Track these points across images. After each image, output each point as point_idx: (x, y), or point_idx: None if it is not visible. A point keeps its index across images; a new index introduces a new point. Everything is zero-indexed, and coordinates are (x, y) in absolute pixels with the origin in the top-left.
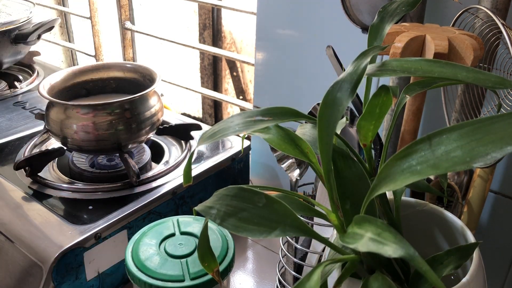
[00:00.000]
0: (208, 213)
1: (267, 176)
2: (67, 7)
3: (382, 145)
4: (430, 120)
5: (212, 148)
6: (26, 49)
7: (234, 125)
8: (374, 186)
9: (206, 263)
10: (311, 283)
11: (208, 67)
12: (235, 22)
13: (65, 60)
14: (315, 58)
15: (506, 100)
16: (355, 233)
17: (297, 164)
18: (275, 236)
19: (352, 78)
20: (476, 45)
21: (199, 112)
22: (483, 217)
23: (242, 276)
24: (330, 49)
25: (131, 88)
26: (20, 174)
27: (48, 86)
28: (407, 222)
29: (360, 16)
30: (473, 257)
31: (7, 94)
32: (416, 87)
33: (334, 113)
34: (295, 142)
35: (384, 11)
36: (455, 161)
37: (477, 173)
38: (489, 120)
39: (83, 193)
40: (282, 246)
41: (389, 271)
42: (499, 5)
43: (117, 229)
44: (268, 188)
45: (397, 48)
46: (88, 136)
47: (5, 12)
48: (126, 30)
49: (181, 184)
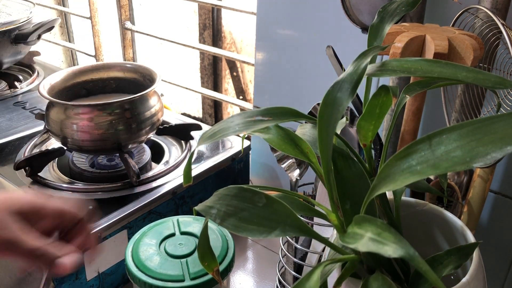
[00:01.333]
0: (208, 213)
1: (267, 176)
2: (67, 7)
3: (382, 145)
4: (430, 120)
5: (212, 148)
6: (26, 49)
7: (234, 125)
8: (374, 186)
9: (206, 262)
10: (311, 283)
11: (208, 67)
12: (235, 22)
13: (65, 60)
14: (315, 58)
15: (506, 100)
16: (355, 233)
17: (297, 164)
18: (275, 236)
19: (352, 78)
20: (476, 45)
21: (199, 112)
22: (483, 217)
23: (242, 276)
24: (330, 49)
25: (131, 88)
26: (20, 174)
27: (48, 86)
28: (407, 222)
29: (360, 16)
30: (473, 257)
31: (7, 94)
32: (416, 87)
33: (334, 113)
34: (295, 142)
35: (384, 11)
36: (455, 161)
37: (477, 173)
38: (489, 120)
39: (83, 193)
40: (282, 246)
41: (389, 271)
42: (499, 5)
43: (117, 229)
44: (268, 188)
45: (397, 48)
46: (88, 136)
47: (5, 12)
48: (126, 30)
49: (181, 184)
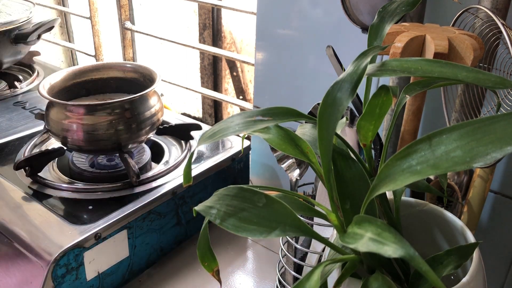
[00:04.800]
0: (208, 213)
1: (267, 176)
2: (67, 7)
3: (382, 145)
4: (430, 120)
5: (212, 148)
6: (26, 49)
7: (234, 125)
8: (374, 186)
9: (206, 262)
10: (311, 283)
11: (208, 67)
12: (235, 22)
13: (65, 60)
14: (315, 58)
15: (506, 100)
16: (355, 233)
17: (297, 164)
18: (275, 236)
19: (352, 78)
20: (476, 45)
21: (199, 112)
22: (483, 217)
23: (242, 276)
24: (330, 49)
25: (131, 88)
26: (20, 174)
27: (48, 86)
28: (407, 222)
29: (360, 16)
30: (473, 257)
31: (7, 94)
32: (416, 87)
33: (334, 113)
34: (295, 142)
35: (384, 11)
36: (455, 161)
37: (477, 173)
38: (489, 120)
39: (83, 193)
40: (282, 246)
41: (389, 271)
42: (499, 5)
43: (117, 229)
44: (268, 188)
45: (397, 48)
46: (88, 136)
47: (5, 12)
48: (126, 30)
49: (181, 184)
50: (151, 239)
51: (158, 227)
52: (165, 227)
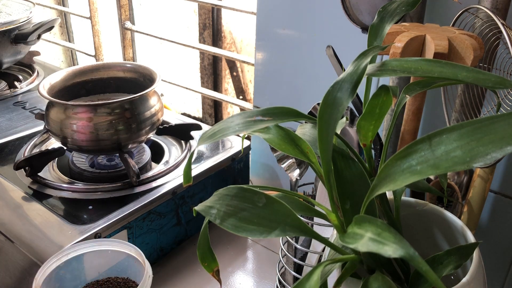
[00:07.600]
0: (208, 213)
1: (267, 176)
2: (67, 7)
3: (382, 145)
4: (430, 120)
5: (212, 148)
6: (26, 49)
7: (234, 125)
8: (374, 186)
9: (206, 262)
10: (311, 283)
11: (208, 67)
12: (235, 22)
13: (65, 60)
14: (315, 58)
15: (506, 100)
16: (355, 233)
17: (297, 164)
18: (275, 236)
19: (352, 78)
20: (476, 45)
21: (199, 112)
22: (483, 217)
23: (242, 276)
24: (330, 49)
25: (131, 88)
26: (20, 174)
27: (48, 86)
28: (407, 222)
29: (360, 16)
30: (473, 257)
31: (7, 94)
32: (416, 87)
33: (334, 113)
34: (295, 142)
35: (384, 11)
36: (455, 161)
37: (477, 173)
38: (489, 120)
39: (83, 193)
40: (282, 246)
41: (389, 271)
42: (499, 5)
43: (117, 229)
44: (268, 188)
45: (397, 48)
46: (88, 136)
47: (5, 12)
48: (126, 30)
49: (181, 184)
50: (151, 239)
51: (158, 227)
52: (165, 227)
